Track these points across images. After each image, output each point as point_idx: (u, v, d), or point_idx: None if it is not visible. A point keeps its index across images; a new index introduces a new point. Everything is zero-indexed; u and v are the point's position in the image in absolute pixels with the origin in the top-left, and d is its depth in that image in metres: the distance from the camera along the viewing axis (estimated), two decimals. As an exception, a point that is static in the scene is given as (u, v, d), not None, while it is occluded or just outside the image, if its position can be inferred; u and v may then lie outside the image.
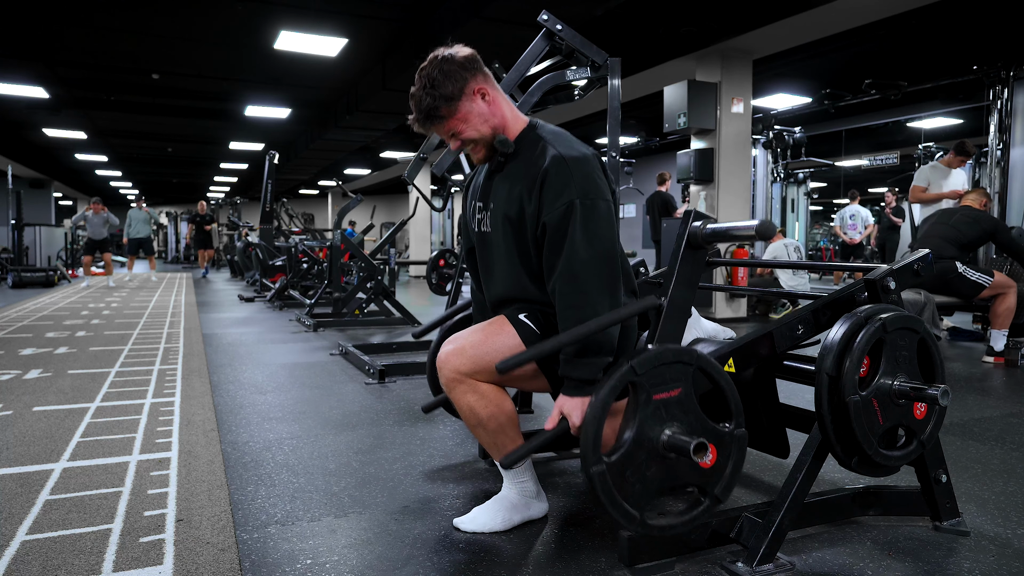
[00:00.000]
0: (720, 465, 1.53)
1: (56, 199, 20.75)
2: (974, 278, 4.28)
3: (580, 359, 1.58)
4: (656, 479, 1.48)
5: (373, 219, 10.82)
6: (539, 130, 1.78)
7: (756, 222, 1.67)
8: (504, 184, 1.77)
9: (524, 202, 1.71)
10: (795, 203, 10.53)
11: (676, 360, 1.50)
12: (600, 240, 1.62)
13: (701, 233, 1.86)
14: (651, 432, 1.47)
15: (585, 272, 1.61)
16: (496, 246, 1.81)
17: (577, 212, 1.62)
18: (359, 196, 8.02)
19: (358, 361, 4.11)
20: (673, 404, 1.49)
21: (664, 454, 1.47)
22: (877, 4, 5.57)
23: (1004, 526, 1.87)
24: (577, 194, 1.63)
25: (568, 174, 1.64)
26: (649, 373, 1.46)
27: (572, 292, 1.61)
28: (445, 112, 1.72)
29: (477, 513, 1.85)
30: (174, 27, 7.44)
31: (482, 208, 1.86)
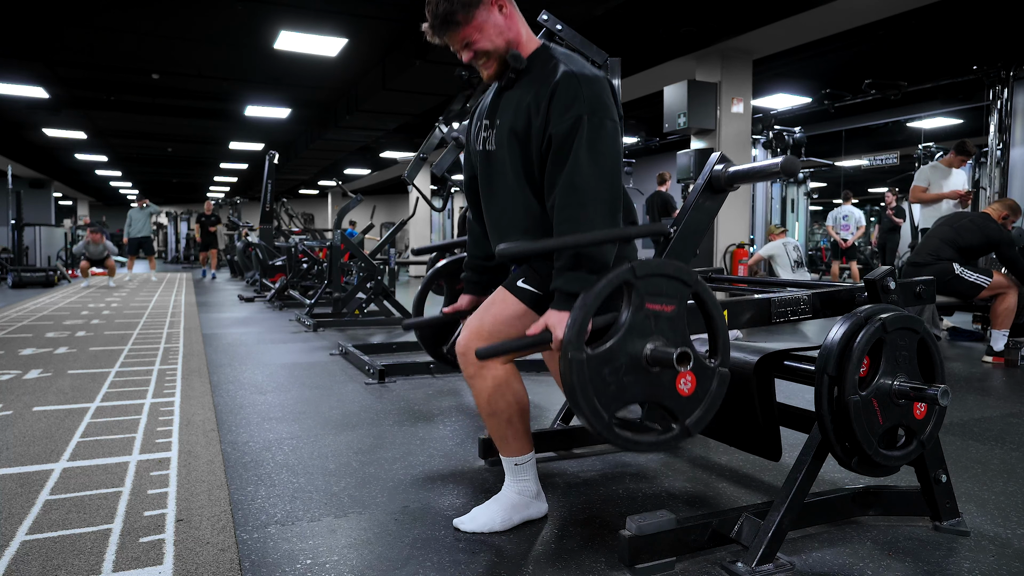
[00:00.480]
0: (697, 397, 1.50)
1: (56, 199, 20.75)
2: (972, 279, 4.28)
3: (573, 272, 1.57)
4: (632, 388, 1.45)
5: (373, 219, 10.81)
6: (552, 51, 1.77)
7: (780, 159, 1.63)
8: (512, 100, 1.76)
9: (532, 115, 1.69)
10: (795, 203, 10.54)
11: (677, 276, 1.46)
12: (605, 158, 1.62)
13: (724, 175, 1.80)
14: (637, 340, 1.44)
15: (587, 187, 1.59)
16: (500, 163, 1.78)
17: (584, 127, 1.61)
18: (359, 196, 8.02)
19: (358, 361, 4.12)
20: (664, 319, 1.46)
21: (646, 366, 1.45)
22: (877, 4, 5.57)
23: (1004, 526, 1.87)
24: (586, 110, 1.61)
25: (578, 89, 1.63)
26: (647, 279, 1.43)
27: (572, 205, 1.60)
28: (461, 19, 1.70)
29: (477, 513, 1.85)
30: (174, 27, 7.44)
31: (488, 127, 1.84)
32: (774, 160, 1.68)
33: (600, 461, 2.41)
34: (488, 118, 1.85)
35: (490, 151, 1.82)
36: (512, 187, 1.76)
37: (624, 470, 2.31)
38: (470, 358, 1.75)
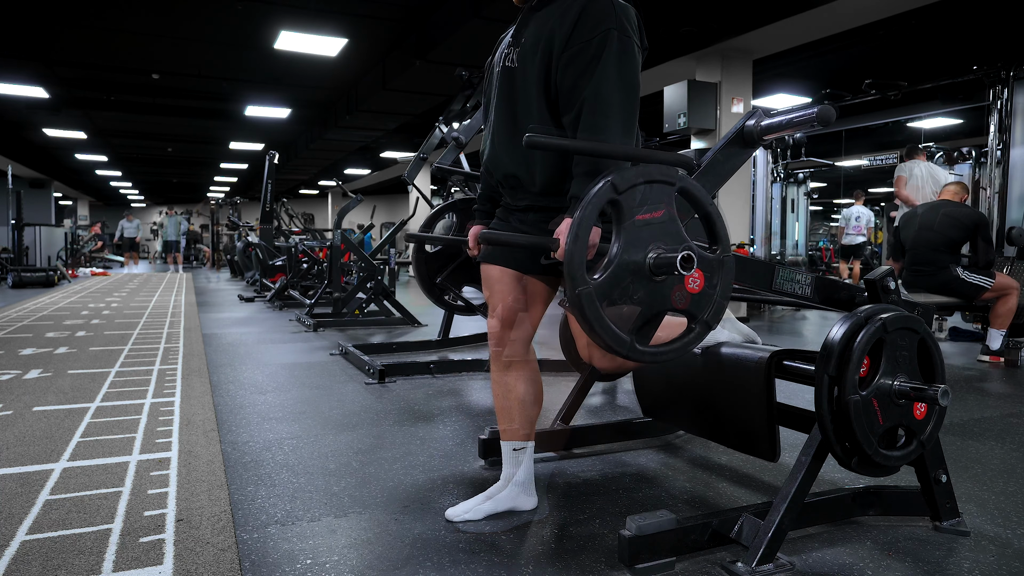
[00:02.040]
0: (708, 291, 1.49)
1: (56, 199, 20.72)
2: (974, 280, 4.28)
3: (589, 179, 1.55)
4: (645, 303, 1.44)
5: (373, 219, 10.81)
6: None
7: (818, 107, 1.59)
8: (540, 19, 1.75)
9: (556, 31, 1.68)
10: (795, 203, 10.53)
11: (657, 179, 1.44)
12: (630, 75, 1.63)
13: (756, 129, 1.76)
14: (637, 253, 1.42)
15: (612, 99, 1.60)
16: (522, 78, 1.77)
17: (614, 41, 1.61)
18: (359, 196, 8.01)
19: (358, 361, 4.11)
20: (657, 225, 1.44)
21: (651, 276, 1.43)
22: (877, 4, 5.57)
23: (1004, 526, 1.87)
24: (616, 26, 1.62)
25: (611, 8, 1.64)
26: (630, 191, 1.41)
27: (596, 113, 1.60)
28: None
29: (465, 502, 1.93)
30: (174, 27, 7.44)
31: (511, 44, 1.83)
32: (809, 110, 1.63)
33: (600, 461, 2.41)
34: (514, 36, 1.84)
35: (512, 68, 1.81)
36: (531, 103, 1.76)
37: (624, 470, 2.31)
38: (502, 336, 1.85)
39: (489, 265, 1.91)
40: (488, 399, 3.39)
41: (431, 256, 3.44)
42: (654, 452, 2.52)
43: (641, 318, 1.45)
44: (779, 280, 1.77)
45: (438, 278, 3.50)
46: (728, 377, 2.01)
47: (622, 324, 1.43)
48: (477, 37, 6.44)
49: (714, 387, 2.09)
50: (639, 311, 1.44)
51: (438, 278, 3.50)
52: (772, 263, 1.78)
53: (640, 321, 1.45)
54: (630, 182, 1.41)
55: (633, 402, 3.22)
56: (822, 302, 1.84)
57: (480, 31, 6.23)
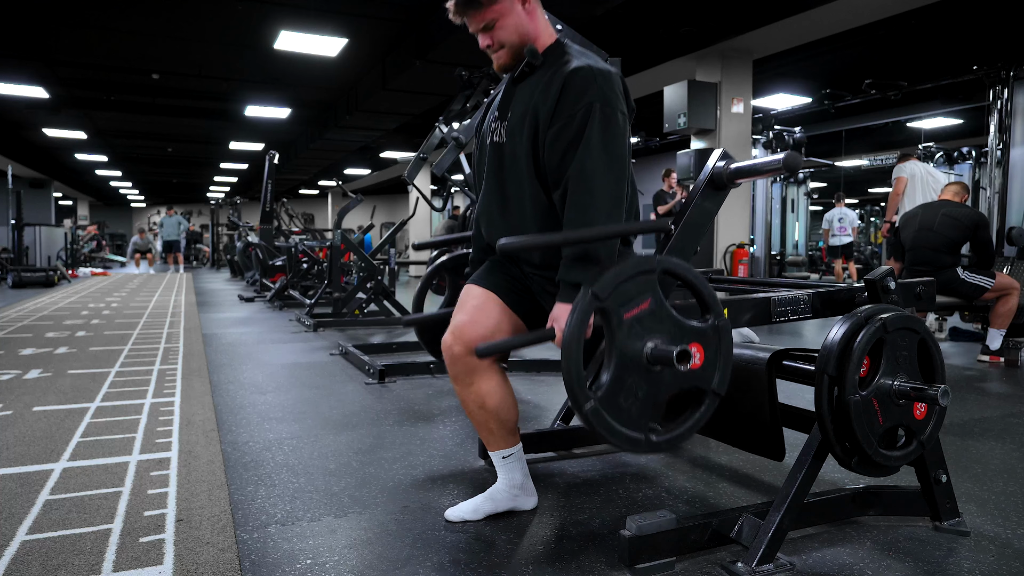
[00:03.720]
0: (710, 361, 1.51)
1: (56, 199, 20.73)
2: (975, 281, 4.27)
3: (578, 263, 1.58)
4: (651, 395, 1.46)
5: (373, 219, 10.81)
6: (567, 47, 1.79)
7: (783, 154, 1.62)
8: (525, 93, 1.77)
9: (540, 106, 1.70)
10: (795, 203, 10.54)
11: (637, 272, 1.45)
12: (616, 147, 1.63)
13: (725, 172, 1.79)
14: (633, 352, 1.44)
15: (597, 175, 1.61)
16: (510, 155, 1.79)
17: (596, 115, 1.62)
18: (359, 196, 8.01)
19: (358, 361, 4.11)
20: (647, 317, 1.46)
21: (651, 368, 1.45)
22: (877, 4, 5.57)
23: (1004, 526, 1.87)
24: (598, 99, 1.63)
25: (592, 79, 1.64)
26: (613, 295, 1.42)
27: (580, 192, 1.61)
28: (485, 1, 1.71)
29: (465, 503, 1.91)
30: (174, 27, 7.44)
31: (497, 119, 1.85)
32: (776, 156, 1.66)
33: (600, 461, 2.41)
34: (499, 110, 1.85)
35: (500, 143, 1.83)
36: (521, 178, 1.77)
37: (624, 470, 2.31)
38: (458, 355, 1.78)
39: (473, 285, 1.89)
40: (488, 399, 3.38)
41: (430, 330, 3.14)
42: (654, 452, 2.52)
43: (650, 412, 1.47)
44: (778, 310, 1.77)
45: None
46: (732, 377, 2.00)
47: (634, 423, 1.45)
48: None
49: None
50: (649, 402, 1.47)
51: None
52: (768, 298, 1.77)
53: (649, 415, 1.47)
54: (610, 287, 1.42)
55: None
56: (826, 313, 1.84)
57: (480, 31, 6.22)
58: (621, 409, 1.43)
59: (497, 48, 1.77)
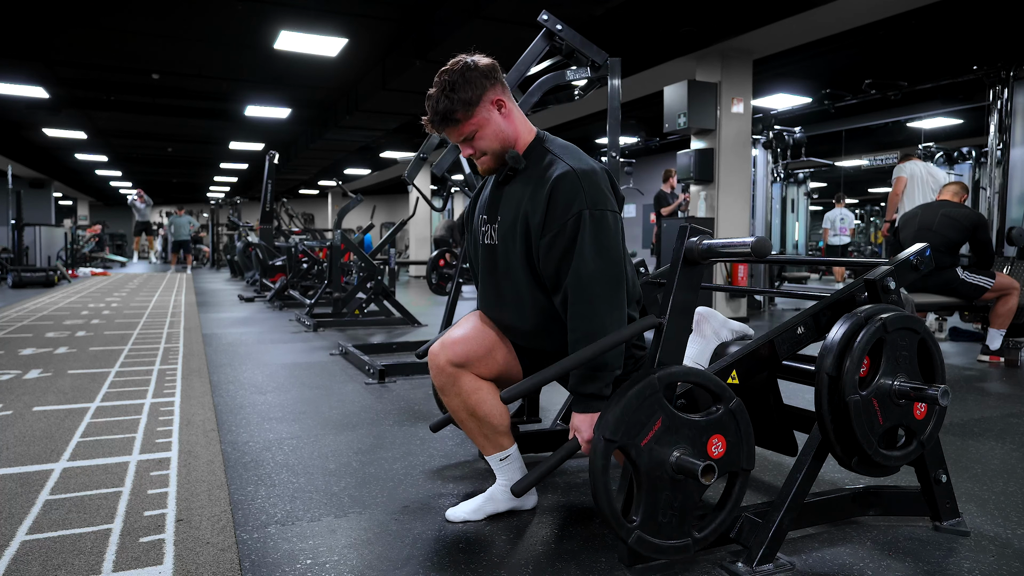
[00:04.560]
0: (733, 444, 1.56)
1: (56, 199, 20.73)
2: (975, 281, 4.27)
3: (589, 376, 1.63)
4: (686, 501, 1.52)
5: (373, 219, 10.81)
6: (548, 144, 1.81)
7: (752, 239, 1.61)
8: (512, 197, 1.79)
9: (531, 214, 1.72)
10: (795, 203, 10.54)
11: (642, 401, 1.48)
12: (609, 251, 1.66)
13: (698, 249, 1.79)
14: (658, 471, 1.48)
15: (593, 283, 1.64)
16: (504, 258, 1.82)
17: (587, 223, 1.64)
18: (359, 196, 8.01)
19: (358, 361, 4.11)
20: (663, 434, 1.49)
21: (678, 479, 1.50)
22: (877, 4, 5.57)
23: (1004, 526, 1.87)
24: (587, 204, 1.65)
25: (578, 185, 1.66)
26: (625, 431, 1.46)
27: (580, 302, 1.65)
28: (461, 116, 1.73)
29: (465, 503, 1.92)
30: (174, 27, 7.44)
31: (487, 221, 1.88)
32: (746, 240, 1.62)
33: (600, 461, 2.40)
34: (488, 212, 1.88)
35: (492, 245, 1.86)
36: (518, 283, 1.80)
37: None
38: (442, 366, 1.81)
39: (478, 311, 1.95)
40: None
41: None
42: (654, 452, 2.51)
43: (689, 516, 1.52)
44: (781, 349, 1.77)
45: None
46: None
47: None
48: (477, 37, 6.44)
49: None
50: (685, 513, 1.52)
51: None
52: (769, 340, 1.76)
53: (690, 518, 1.52)
54: (619, 424, 1.46)
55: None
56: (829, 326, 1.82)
57: (480, 31, 6.23)
58: (661, 525, 1.49)
59: (479, 156, 1.80)
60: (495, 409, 1.83)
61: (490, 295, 1.92)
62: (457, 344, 1.81)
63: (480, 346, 1.83)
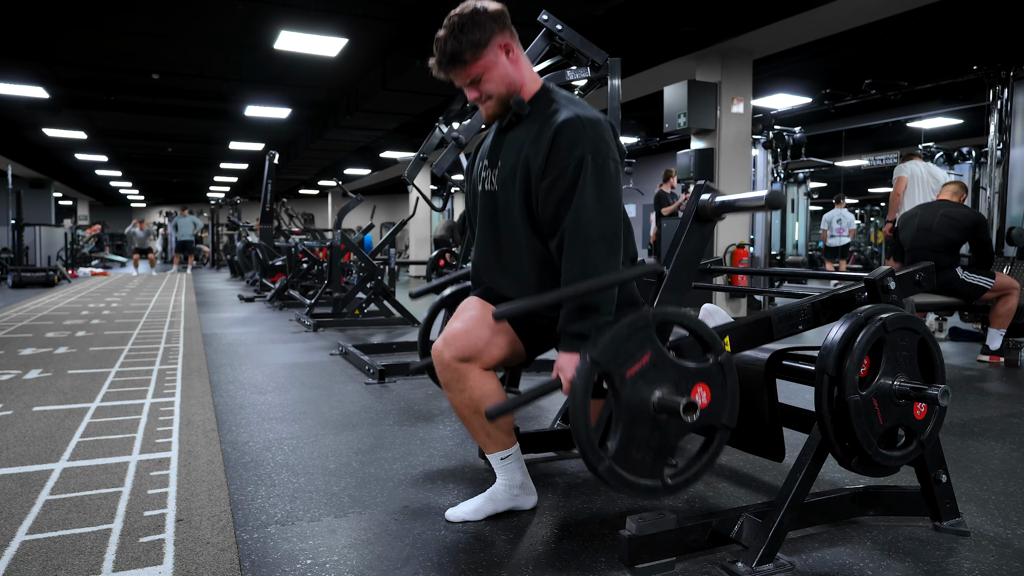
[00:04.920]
0: (717, 397, 1.53)
1: (56, 199, 20.73)
2: (975, 281, 4.27)
3: (578, 314, 1.61)
4: (662, 442, 1.48)
5: (373, 219, 10.81)
6: (553, 94, 1.80)
7: (766, 191, 1.63)
8: (514, 142, 1.78)
9: (532, 158, 1.71)
10: (795, 203, 10.55)
11: (633, 331, 1.46)
12: (609, 198, 1.65)
13: (710, 206, 1.81)
14: (639, 406, 1.46)
15: (592, 227, 1.63)
16: (504, 204, 1.81)
17: (588, 168, 1.64)
18: (359, 196, 8.01)
19: (358, 361, 4.11)
20: (649, 370, 1.47)
21: (659, 418, 1.47)
22: (877, 4, 5.57)
23: (1004, 526, 1.87)
24: (590, 150, 1.64)
25: (582, 131, 1.66)
26: (612, 358, 1.44)
27: (577, 245, 1.63)
28: (469, 57, 1.72)
29: (465, 503, 1.92)
30: (174, 27, 7.44)
31: (488, 167, 1.86)
32: (759, 193, 1.67)
33: (600, 461, 2.41)
34: (489, 158, 1.87)
35: (492, 191, 1.85)
36: (516, 229, 1.79)
37: (624, 470, 2.31)
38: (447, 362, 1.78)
39: (473, 298, 1.92)
40: (488, 399, 3.39)
41: None
42: (654, 452, 2.51)
43: (664, 458, 1.49)
44: (778, 328, 1.78)
45: None
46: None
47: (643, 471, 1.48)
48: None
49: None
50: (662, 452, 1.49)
51: None
52: (767, 318, 1.78)
53: (664, 461, 1.49)
54: (609, 350, 1.44)
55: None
56: (828, 320, 1.84)
57: (480, 31, 6.21)
58: (635, 461, 1.46)
59: (485, 99, 1.79)
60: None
61: (487, 249, 1.89)
62: (459, 338, 1.79)
63: (482, 335, 1.80)
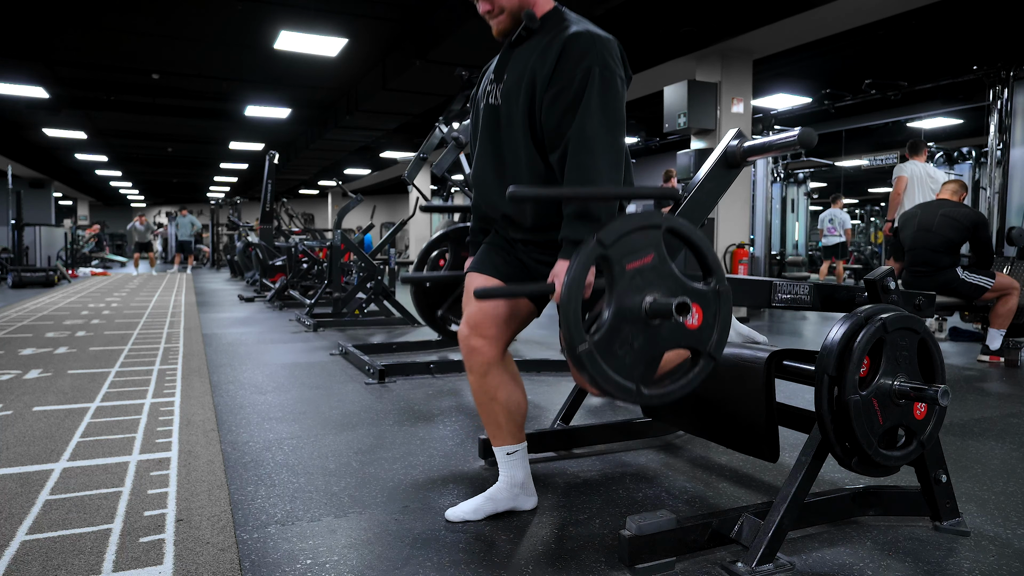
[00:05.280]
0: (708, 323, 1.51)
1: (56, 199, 20.74)
2: (975, 281, 4.27)
3: (580, 221, 1.59)
4: (646, 348, 1.46)
5: (373, 219, 10.81)
6: (564, 13, 1.80)
7: (798, 130, 1.60)
8: (521, 57, 1.77)
9: (538, 69, 1.70)
10: (795, 203, 10.55)
11: (643, 225, 1.45)
12: (615, 113, 1.64)
13: (739, 151, 1.77)
14: (632, 303, 1.43)
15: (597, 137, 1.61)
16: (506, 117, 1.79)
17: (596, 80, 1.62)
18: (359, 196, 8.01)
19: (358, 361, 4.11)
20: (648, 270, 1.45)
21: (649, 322, 1.44)
22: (877, 4, 5.57)
23: (1004, 526, 1.87)
24: (598, 63, 1.63)
25: (592, 44, 1.65)
26: (617, 244, 1.42)
27: (582, 153, 1.62)
28: None
29: (465, 503, 1.92)
30: (174, 27, 7.44)
31: (493, 82, 1.84)
32: (791, 132, 1.64)
33: (600, 461, 2.41)
34: (495, 73, 1.85)
35: (495, 105, 1.82)
36: (516, 141, 1.77)
37: (624, 470, 2.31)
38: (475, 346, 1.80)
39: (475, 274, 1.91)
40: (488, 399, 3.39)
41: (430, 289, 3.41)
42: (654, 452, 2.52)
43: (644, 363, 1.46)
44: (778, 295, 1.77)
45: (439, 310, 3.50)
46: (728, 377, 2.01)
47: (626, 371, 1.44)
48: (477, 37, 6.44)
49: (714, 387, 2.09)
50: (644, 354, 1.45)
51: (439, 310, 3.50)
52: (769, 281, 1.78)
53: (643, 365, 1.46)
54: (616, 235, 1.42)
55: (633, 402, 3.21)
56: (823, 307, 1.85)
57: (480, 31, 6.21)
58: (615, 356, 1.42)
59: (497, 13, 1.78)
60: (514, 397, 1.85)
61: (487, 166, 1.86)
62: (482, 322, 1.80)
63: (499, 311, 1.81)
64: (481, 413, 1.89)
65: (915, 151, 6.04)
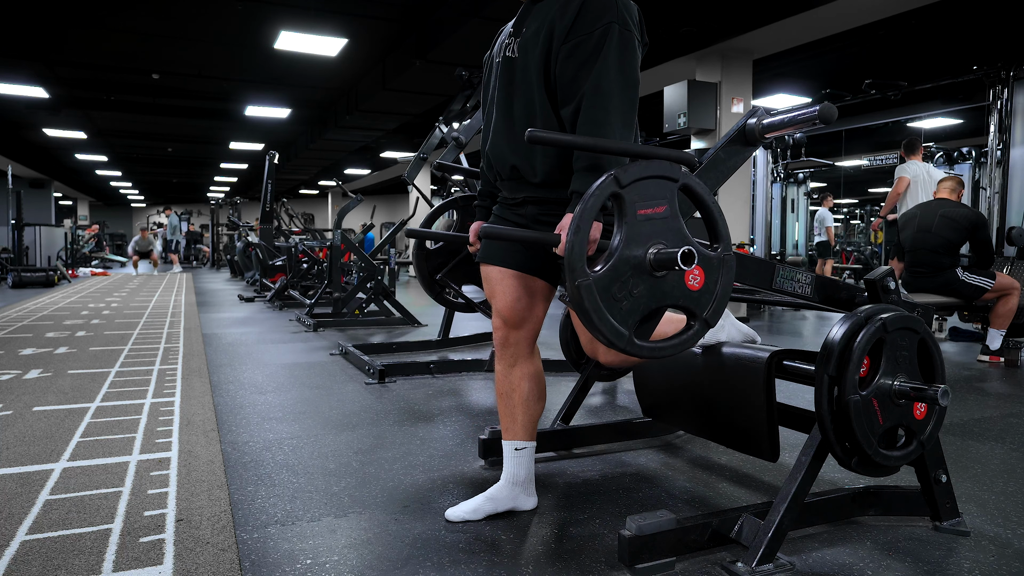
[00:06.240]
0: (708, 288, 1.50)
1: (56, 199, 20.73)
2: (975, 281, 4.27)
3: (591, 174, 1.57)
4: (644, 298, 1.45)
5: (373, 219, 10.81)
6: None
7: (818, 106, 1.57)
8: (541, 11, 1.76)
9: (557, 21, 1.69)
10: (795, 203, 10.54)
11: (661, 175, 1.44)
12: (632, 72, 1.64)
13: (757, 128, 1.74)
14: (637, 249, 1.42)
15: (612, 93, 1.61)
16: (521, 69, 1.78)
17: (615, 37, 1.62)
18: (359, 196, 8.01)
19: (358, 361, 4.11)
20: (658, 221, 1.44)
21: (651, 271, 1.44)
22: (877, 4, 5.57)
23: (1004, 526, 1.87)
24: (618, 20, 1.63)
25: (612, 1, 1.65)
26: (633, 186, 1.41)
27: (596, 108, 1.61)
28: None
29: (465, 503, 1.92)
30: (174, 27, 7.44)
31: (512, 35, 1.83)
32: (811, 109, 1.61)
33: (600, 461, 2.41)
34: (514, 27, 1.85)
35: (512, 58, 1.81)
36: (530, 92, 1.76)
37: (624, 470, 2.31)
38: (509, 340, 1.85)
39: (488, 265, 1.91)
40: (488, 399, 3.39)
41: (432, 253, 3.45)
42: (654, 452, 2.52)
43: (640, 313, 1.45)
44: (779, 279, 1.77)
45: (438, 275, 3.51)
46: (728, 377, 2.01)
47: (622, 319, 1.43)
48: (477, 37, 6.44)
49: (714, 387, 2.09)
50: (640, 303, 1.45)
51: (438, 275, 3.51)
52: (772, 262, 1.78)
53: (639, 316, 1.45)
54: (633, 177, 1.41)
55: (633, 402, 3.22)
56: (822, 302, 1.85)
57: (480, 31, 6.23)
58: (613, 298, 1.41)
59: None
60: (534, 394, 1.88)
61: (499, 120, 1.85)
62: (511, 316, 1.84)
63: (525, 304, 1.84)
64: (499, 403, 1.92)
65: (911, 150, 6.03)
